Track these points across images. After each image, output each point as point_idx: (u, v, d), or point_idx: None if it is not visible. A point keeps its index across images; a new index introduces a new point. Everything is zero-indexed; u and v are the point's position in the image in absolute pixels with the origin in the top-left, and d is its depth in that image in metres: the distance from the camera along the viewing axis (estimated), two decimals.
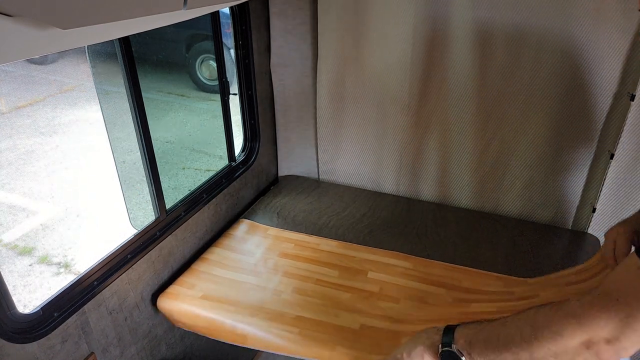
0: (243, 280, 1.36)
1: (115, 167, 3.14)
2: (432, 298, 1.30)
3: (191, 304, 1.27)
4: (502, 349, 0.78)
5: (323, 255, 1.46)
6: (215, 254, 1.47)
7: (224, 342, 1.25)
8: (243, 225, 1.62)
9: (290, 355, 1.17)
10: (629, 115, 1.36)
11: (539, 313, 0.76)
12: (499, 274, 1.36)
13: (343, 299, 1.30)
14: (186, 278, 1.36)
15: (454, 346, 0.82)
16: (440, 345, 0.84)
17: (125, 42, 1.12)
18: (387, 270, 1.40)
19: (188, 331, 1.51)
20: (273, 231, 1.57)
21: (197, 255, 1.49)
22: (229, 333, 1.23)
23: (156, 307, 1.31)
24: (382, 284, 1.35)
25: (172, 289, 1.32)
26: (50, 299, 1.02)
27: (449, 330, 0.85)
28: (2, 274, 0.89)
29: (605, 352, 0.70)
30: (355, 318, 1.23)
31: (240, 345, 1.22)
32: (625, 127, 1.38)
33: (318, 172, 1.93)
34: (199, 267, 1.41)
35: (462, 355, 0.82)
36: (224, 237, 1.57)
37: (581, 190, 1.56)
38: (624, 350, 0.70)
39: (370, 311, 1.26)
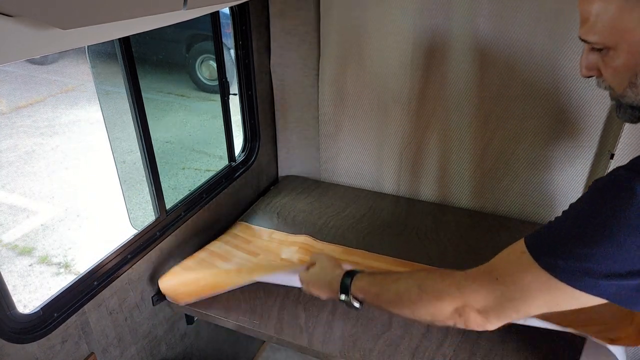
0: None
1: (115, 167, 3.15)
2: None
3: (194, 275, 1.30)
4: (390, 304, 0.89)
5: None
6: (216, 250, 1.47)
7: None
8: (243, 225, 1.63)
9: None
10: None
11: (429, 277, 0.86)
12: None
13: None
14: (188, 262, 1.37)
15: (350, 296, 0.96)
16: (338, 292, 0.97)
17: (125, 42, 1.12)
18: None
19: (188, 331, 1.51)
20: (276, 234, 1.57)
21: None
22: (235, 276, 1.28)
23: (156, 307, 1.31)
24: None
25: (174, 270, 1.34)
26: (50, 299, 1.02)
27: (348, 276, 0.97)
28: (2, 274, 0.89)
29: (473, 321, 0.79)
30: None
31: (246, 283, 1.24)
32: (625, 127, 1.38)
33: (319, 172, 1.93)
34: (201, 255, 1.42)
35: (357, 303, 0.96)
36: (223, 237, 1.57)
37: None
38: (489, 323, 0.78)
39: None
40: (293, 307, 1.27)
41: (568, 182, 1.56)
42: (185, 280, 1.29)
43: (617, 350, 0.99)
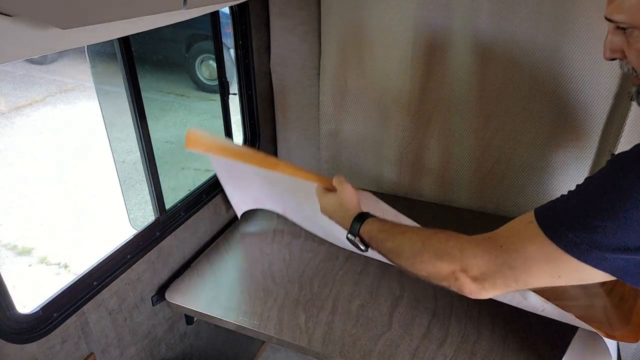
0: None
1: (115, 167, 3.15)
2: None
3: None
4: (391, 253, 0.90)
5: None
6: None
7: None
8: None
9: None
10: (629, 115, 1.36)
11: (435, 236, 0.85)
12: None
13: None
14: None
15: (356, 238, 0.97)
16: (347, 231, 0.99)
17: (125, 42, 1.11)
18: None
19: (188, 331, 1.51)
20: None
21: (196, 255, 1.49)
22: (254, 155, 1.18)
23: (156, 308, 1.31)
24: None
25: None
26: (50, 299, 1.02)
27: (359, 219, 0.98)
28: (2, 274, 0.89)
29: (467, 287, 0.78)
30: None
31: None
32: (625, 127, 1.38)
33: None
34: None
35: (362, 245, 0.97)
36: (224, 236, 1.57)
37: None
38: (484, 290, 0.77)
39: None
40: (293, 307, 1.27)
41: (569, 182, 1.56)
42: (209, 136, 1.19)
43: (610, 343, 0.99)
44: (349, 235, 0.99)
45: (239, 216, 1.62)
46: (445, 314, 1.24)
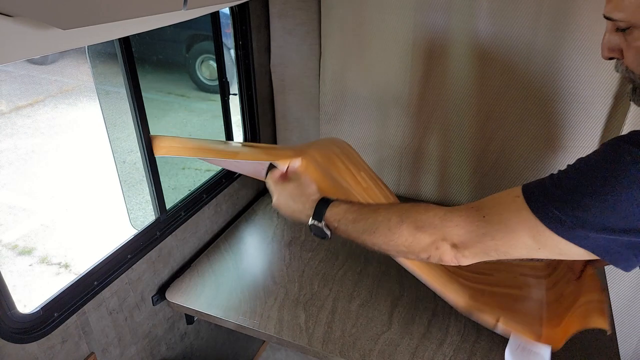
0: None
1: (115, 167, 3.15)
2: None
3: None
4: (365, 233, 0.85)
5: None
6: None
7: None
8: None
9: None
10: (629, 115, 1.36)
11: (412, 209, 0.82)
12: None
13: None
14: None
15: (322, 223, 0.89)
16: (310, 218, 0.91)
17: (125, 42, 1.12)
18: None
19: (188, 331, 1.51)
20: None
21: (197, 255, 1.49)
22: (210, 144, 1.27)
23: (156, 307, 1.31)
24: None
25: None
26: (50, 299, 1.02)
27: (324, 202, 0.91)
28: (2, 274, 0.89)
29: (448, 254, 0.77)
30: None
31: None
32: (625, 128, 1.38)
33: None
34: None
35: (328, 230, 0.89)
36: (224, 236, 1.57)
37: None
38: (464, 257, 0.77)
39: None
40: (293, 307, 1.27)
41: None
42: (172, 139, 1.26)
43: (544, 349, 1.00)
44: (313, 222, 0.90)
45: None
46: (445, 314, 1.24)
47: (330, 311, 1.26)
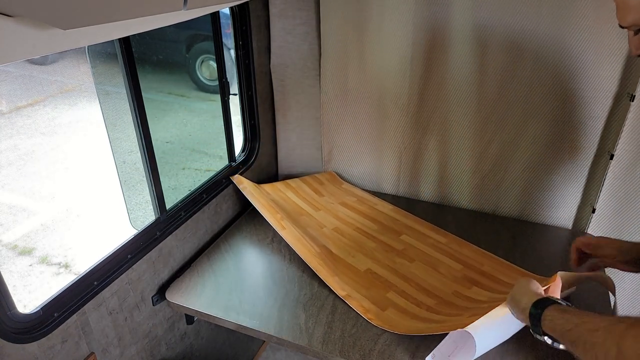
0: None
1: (115, 168, 3.15)
2: (444, 269, 1.40)
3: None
4: (582, 352, 0.75)
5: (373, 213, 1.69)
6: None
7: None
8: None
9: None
10: (629, 115, 1.36)
11: (631, 335, 0.67)
12: (523, 270, 1.39)
13: (367, 246, 1.49)
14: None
15: (540, 330, 0.85)
16: (529, 320, 0.88)
17: (125, 42, 1.12)
18: (421, 239, 1.54)
19: (188, 331, 1.51)
20: (346, 185, 1.70)
21: (197, 255, 1.49)
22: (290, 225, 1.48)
23: (156, 307, 1.31)
24: (408, 246, 1.50)
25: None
26: (50, 299, 1.02)
27: (537, 307, 0.87)
28: (2, 274, 0.89)
29: None
30: (366, 262, 1.42)
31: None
32: (624, 128, 1.38)
33: (319, 171, 1.93)
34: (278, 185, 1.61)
35: (548, 339, 0.86)
36: (224, 236, 1.57)
37: (581, 191, 1.56)
38: None
39: (382, 261, 1.42)
40: (293, 307, 1.27)
41: (568, 183, 1.56)
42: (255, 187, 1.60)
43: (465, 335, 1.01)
44: (533, 332, 0.88)
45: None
46: None
47: (330, 311, 1.26)
